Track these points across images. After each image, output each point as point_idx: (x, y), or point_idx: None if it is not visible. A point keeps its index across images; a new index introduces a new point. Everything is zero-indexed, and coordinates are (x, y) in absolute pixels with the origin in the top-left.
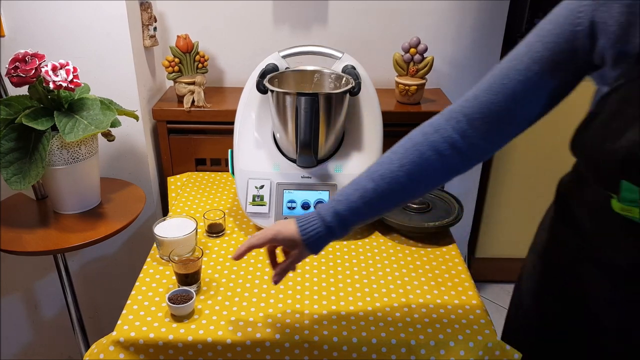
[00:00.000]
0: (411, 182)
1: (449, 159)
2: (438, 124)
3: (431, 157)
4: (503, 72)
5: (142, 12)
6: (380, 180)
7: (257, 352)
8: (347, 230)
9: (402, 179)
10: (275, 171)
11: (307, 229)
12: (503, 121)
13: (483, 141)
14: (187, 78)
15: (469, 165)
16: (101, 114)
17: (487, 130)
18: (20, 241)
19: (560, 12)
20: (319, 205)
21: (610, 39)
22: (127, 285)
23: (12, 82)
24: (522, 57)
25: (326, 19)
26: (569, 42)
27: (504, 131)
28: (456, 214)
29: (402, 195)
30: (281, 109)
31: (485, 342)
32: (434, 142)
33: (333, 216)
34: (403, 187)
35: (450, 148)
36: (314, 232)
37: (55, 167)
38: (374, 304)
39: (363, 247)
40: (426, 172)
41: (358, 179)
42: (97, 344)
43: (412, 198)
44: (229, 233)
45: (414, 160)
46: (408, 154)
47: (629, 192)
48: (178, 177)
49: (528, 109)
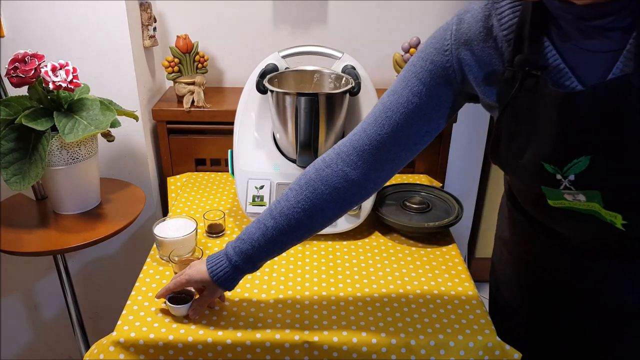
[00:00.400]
0: (308, 218)
1: (343, 192)
2: (330, 159)
3: (325, 191)
4: (386, 106)
5: (142, 12)
6: (279, 217)
7: (257, 353)
8: (255, 267)
9: (298, 215)
10: (275, 171)
11: (215, 270)
12: (392, 150)
13: (375, 171)
14: (186, 78)
15: (366, 194)
16: (101, 115)
17: (377, 160)
18: (20, 242)
19: (428, 49)
20: (227, 245)
21: (475, 72)
22: (127, 285)
23: (12, 83)
24: (401, 92)
25: (326, 19)
26: (442, 76)
27: (394, 159)
28: (456, 214)
29: (301, 230)
30: (281, 109)
31: (485, 342)
32: (327, 176)
33: (239, 255)
34: (300, 223)
35: (344, 181)
36: (222, 273)
37: (55, 167)
38: (374, 304)
39: (363, 247)
40: (321, 206)
41: (262, 216)
42: (97, 345)
43: (312, 232)
44: (228, 233)
45: (308, 196)
46: (302, 190)
47: (552, 194)
48: (178, 178)
49: (413, 137)
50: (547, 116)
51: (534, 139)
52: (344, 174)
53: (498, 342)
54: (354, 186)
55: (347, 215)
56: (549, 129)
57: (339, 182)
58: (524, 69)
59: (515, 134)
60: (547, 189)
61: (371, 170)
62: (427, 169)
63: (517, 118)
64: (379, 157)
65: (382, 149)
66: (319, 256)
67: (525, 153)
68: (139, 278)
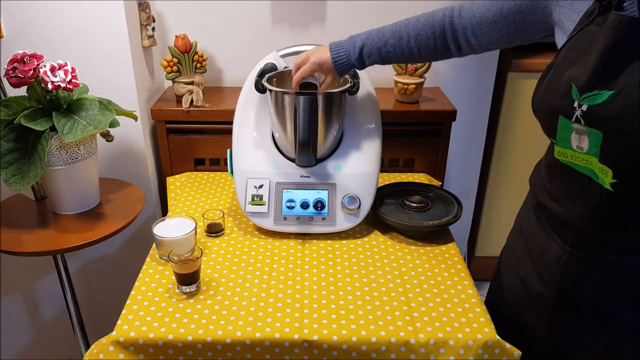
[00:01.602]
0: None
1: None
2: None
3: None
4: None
5: (141, 12)
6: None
7: (257, 352)
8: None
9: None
10: (274, 170)
11: (338, 61)
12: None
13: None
14: (185, 78)
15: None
16: (100, 114)
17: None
18: (19, 242)
19: None
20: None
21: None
22: (127, 285)
23: (11, 83)
24: None
25: (324, 18)
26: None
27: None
28: (455, 213)
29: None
30: (280, 109)
31: (484, 340)
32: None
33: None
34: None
35: (448, 18)
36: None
37: (54, 167)
38: (374, 303)
39: (362, 246)
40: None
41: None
42: (96, 344)
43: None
44: (228, 233)
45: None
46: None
47: (563, 130)
48: (177, 177)
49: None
50: (599, 42)
51: (578, 64)
52: (451, 14)
53: (497, 340)
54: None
55: (346, 215)
56: (594, 53)
57: (443, 18)
58: (602, 3)
59: (564, 59)
60: (562, 118)
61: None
62: (426, 168)
63: (574, 46)
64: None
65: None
66: (318, 255)
67: (563, 75)
68: (138, 278)
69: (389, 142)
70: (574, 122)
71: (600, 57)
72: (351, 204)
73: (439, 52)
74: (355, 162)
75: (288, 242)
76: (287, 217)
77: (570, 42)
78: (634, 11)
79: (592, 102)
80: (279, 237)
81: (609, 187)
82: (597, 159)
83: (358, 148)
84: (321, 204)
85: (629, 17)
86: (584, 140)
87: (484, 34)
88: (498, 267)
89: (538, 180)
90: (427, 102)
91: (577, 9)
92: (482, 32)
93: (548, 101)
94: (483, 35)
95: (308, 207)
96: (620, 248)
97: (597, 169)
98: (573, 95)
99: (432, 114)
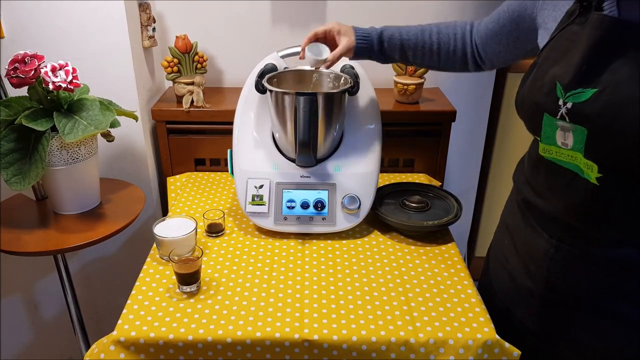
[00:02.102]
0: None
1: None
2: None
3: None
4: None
5: (141, 12)
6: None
7: (257, 351)
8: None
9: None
10: (275, 171)
11: (360, 44)
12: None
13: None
14: (186, 78)
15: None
16: (100, 115)
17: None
18: (20, 242)
19: None
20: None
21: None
22: (127, 285)
23: (12, 83)
24: None
25: (324, 19)
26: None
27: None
28: (455, 213)
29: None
30: (280, 109)
31: (484, 339)
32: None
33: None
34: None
35: (467, 27)
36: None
37: (55, 167)
38: (374, 303)
39: (362, 246)
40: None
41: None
42: (97, 344)
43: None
44: (228, 233)
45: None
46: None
47: (548, 127)
48: (177, 177)
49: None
50: (582, 41)
51: (562, 63)
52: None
53: (497, 340)
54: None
55: (346, 215)
56: (577, 52)
57: (462, 27)
58: (582, 3)
59: (547, 58)
60: (547, 116)
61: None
62: (426, 168)
63: (556, 46)
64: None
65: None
66: (318, 255)
67: (547, 74)
68: (139, 277)
69: (388, 143)
70: (559, 119)
71: (584, 56)
72: (351, 204)
73: (457, 57)
74: (355, 162)
75: (288, 242)
76: (287, 217)
77: (552, 42)
78: (613, 11)
79: (577, 99)
80: (279, 237)
81: (595, 181)
82: (582, 155)
83: (358, 148)
84: (321, 204)
85: (610, 17)
86: (569, 137)
87: (488, 46)
88: (487, 263)
89: (522, 177)
90: (427, 102)
91: (559, 9)
92: (487, 44)
93: (533, 99)
94: (488, 47)
95: (308, 207)
96: (607, 240)
97: (583, 164)
98: (558, 93)
99: (431, 115)
